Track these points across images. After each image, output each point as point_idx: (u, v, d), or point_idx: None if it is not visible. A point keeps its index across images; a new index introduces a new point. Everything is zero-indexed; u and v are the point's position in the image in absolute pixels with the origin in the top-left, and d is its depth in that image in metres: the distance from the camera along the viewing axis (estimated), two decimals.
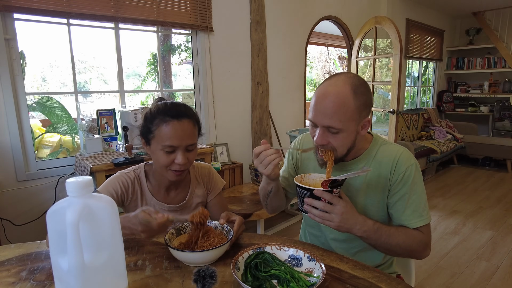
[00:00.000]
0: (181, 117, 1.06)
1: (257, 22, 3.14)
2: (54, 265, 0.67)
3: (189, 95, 2.96)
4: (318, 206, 0.89)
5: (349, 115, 0.91)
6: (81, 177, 0.65)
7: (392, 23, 3.52)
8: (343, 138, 0.94)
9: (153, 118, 1.07)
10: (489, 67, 5.80)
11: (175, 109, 1.07)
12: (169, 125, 1.04)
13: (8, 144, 2.04)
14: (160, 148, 1.06)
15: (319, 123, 0.94)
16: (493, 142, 4.97)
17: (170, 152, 1.06)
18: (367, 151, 1.06)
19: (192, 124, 1.09)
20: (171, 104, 1.09)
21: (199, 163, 1.31)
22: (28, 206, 2.14)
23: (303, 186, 0.91)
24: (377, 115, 6.22)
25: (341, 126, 0.91)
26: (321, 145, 0.96)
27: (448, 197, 3.82)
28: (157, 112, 1.07)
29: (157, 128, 1.06)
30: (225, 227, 0.99)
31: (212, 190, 1.28)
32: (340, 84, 0.92)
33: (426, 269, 2.35)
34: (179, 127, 1.05)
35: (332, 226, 0.91)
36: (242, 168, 2.99)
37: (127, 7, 2.37)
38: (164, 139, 1.04)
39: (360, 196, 1.05)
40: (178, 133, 1.05)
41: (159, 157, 1.07)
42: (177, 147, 1.06)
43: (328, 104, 0.91)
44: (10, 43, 2.00)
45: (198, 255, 0.86)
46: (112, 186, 1.12)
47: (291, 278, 0.79)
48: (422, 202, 1.00)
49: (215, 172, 1.32)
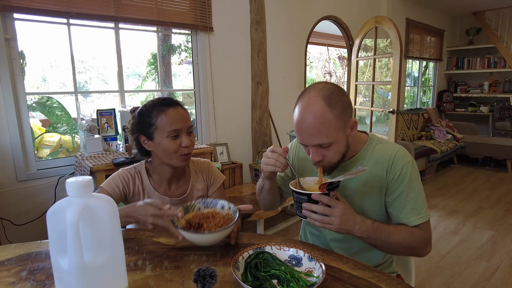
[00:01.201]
0: (175, 105, 1.17)
1: (257, 22, 3.14)
2: (54, 265, 0.67)
3: (189, 95, 2.96)
4: (317, 210, 0.89)
5: (333, 127, 0.92)
6: (81, 177, 0.65)
7: (392, 23, 3.52)
8: (336, 148, 0.96)
9: (149, 112, 1.15)
10: (489, 67, 5.80)
11: (168, 100, 1.18)
12: (168, 112, 1.13)
13: (8, 144, 2.04)
14: (165, 135, 1.13)
15: (309, 143, 0.96)
16: (493, 142, 4.97)
17: (175, 137, 1.13)
18: (363, 150, 1.06)
19: (184, 109, 1.20)
20: (162, 98, 1.20)
21: (199, 159, 1.36)
22: (28, 206, 2.14)
23: (300, 191, 0.91)
24: (377, 115, 6.22)
25: (329, 139, 0.92)
26: (318, 161, 0.97)
27: (448, 197, 3.82)
28: (152, 106, 1.16)
29: (157, 118, 1.13)
30: (232, 207, 1.01)
31: (212, 183, 1.32)
32: (313, 102, 0.92)
33: (426, 269, 2.35)
34: (177, 112, 1.15)
35: (333, 229, 0.91)
36: (242, 168, 2.99)
37: (127, 7, 2.37)
38: (167, 125, 1.12)
39: (357, 196, 1.05)
40: (178, 117, 1.14)
41: (166, 145, 1.13)
42: (181, 130, 1.14)
43: (309, 126, 0.91)
44: (10, 43, 2.00)
45: (204, 237, 0.89)
46: (114, 182, 1.18)
47: (291, 278, 0.79)
48: (420, 200, 1.00)
49: (214, 167, 1.36)
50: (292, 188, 0.94)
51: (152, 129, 1.14)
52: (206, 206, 1.04)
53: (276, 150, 0.99)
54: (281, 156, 0.98)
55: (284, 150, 0.98)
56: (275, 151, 0.99)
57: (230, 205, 1.02)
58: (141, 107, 1.19)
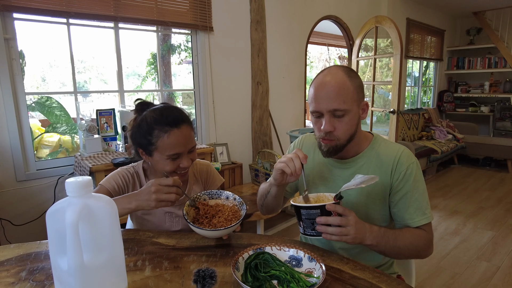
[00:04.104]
0: (179, 124, 1.06)
1: (257, 21, 3.14)
2: (53, 265, 0.67)
3: (189, 95, 2.95)
4: (333, 222, 0.85)
5: (350, 95, 0.95)
6: (81, 177, 0.64)
7: (393, 23, 3.52)
8: (349, 121, 0.96)
9: (150, 129, 1.06)
10: (490, 67, 5.80)
11: (172, 117, 1.07)
12: (171, 134, 1.05)
13: (8, 144, 2.04)
14: (165, 157, 1.07)
15: (325, 108, 0.95)
16: (493, 142, 4.97)
17: (175, 159, 1.08)
18: (368, 149, 1.06)
19: (189, 128, 1.10)
20: (165, 111, 1.08)
21: (198, 161, 1.33)
22: (28, 206, 2.14)
23: (313, 205, 0.85)
24: (377, 115, 6.21)
25: (345, 106, 0.95)
26: (328, 132, 0.96)
27: (448, 198, 3.81)
28: (154, 122, 1.06)
29: (158, 139, 1.05)
30: (237, 198, 1.05)
31: (209, 187, 1.31)
32: (334, 71, 0.98)
33: (427, 269, 2.34)
34: (180, 134, 1.06)
35: (349, 239, 0.86)
36: (242, 168, 2.98)
37: (127, 7, 2.37)
38: (168, 149, 1.05)
39: (362, 196, 1.04)
40: (181, 140, 1.06)
41: (164, 165, 1.08)
42: (181, 153, 1.08)
43: (329, 89, 0.95)
44: (9, 42, 2.00)
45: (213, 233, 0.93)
46: (114, 179, 1.17)
47: (291, 279, 0.79)
48: (425, 200, 1.00)
49: (213, 169, 1.34)
50: (299, 205, 0.87)
51: (152, 148, 1.07)
52: (211, 197, 1.08)
53: (298, 153, 0.95)
54: (298, 159, 0.93)
55: (304, 157, 0.94)
56: (297, 153, 0.95)
57: (235, 196, 1.06)
58: (142, 117, 1.09)
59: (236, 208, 1.03)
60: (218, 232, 0.93)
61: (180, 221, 1.21)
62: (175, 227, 1.20)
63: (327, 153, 1.00)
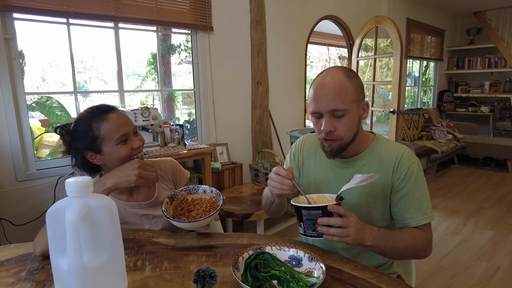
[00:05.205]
0: (112, 110, 1.11)
1: (257, 21, 3.14)
2: (53, 265, 0.67)
3: (189, 95, 2.95)
4: (335, 223, 0.84)
5: (350, 96, 0.96)
6: (81, 177, 0.64)
7: (393, 23, 3.52)
8: (349, 121, 0.96)
9: (88, 125, 1.07)
10: (490, 67, 5.79)
11: (102, 106, 1.11)
12: (109, 119, 1.07)
13: (8, 144, 2.04)
14: (115, 143, 1.07)
15: (324, 109, 0.96)
16: (493, 142, 4.97)
17: (124, 141, 1.09)
18: (369, 149, 1.06)
19: (122, 111, 1.14)
20: (93, 107, 1.12)
21: (161, 159, 1.32)
22: (28, 206, 2.14)
23: (315, 206, 0.85)
24: (377, 115, 6.21)
25: (345, 106, 0.95)
26: (328, 132, 0.96)
27: (448, 197, 3.81)
28: (90, 118, 1.08)
29: (99, 129, 1.06)
30: (214, 190, 1.08)
31: (179, 181, 1.31)
32: (333, 72, 0.99)
33: (427, 269, 2.34)
34: (117, 117, 1.09)
35: (350, 240, 0.86)
36: (242, 168, 2.98)
37: (127, 7, 2.37)
38: (113, 132, 1.07)
39: (363, 196, 1.04)
40: (122, 121, 1.09)
41: (118, 152, 1.08)
42: (128, 133, 1.10)
43: (328, 90, 0.95)
44: (9, 42, 2.00)
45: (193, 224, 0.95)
46: None
47: (291, 279, 0.79)
48: (426, 200, 1.01)
49: (177, 163, 1.33)
50: (300, 205, 0.87)
51: (98, 141, 1.06)
52: (189, 193, 1.11)
53: (280, 173, 0.93)
54: (286, 178, 0.93)
55: (288, 172, 0.93)
56: (279, 173, 0.94)
57: (212, 188, 1.09)
58: (74, 123, 1.10)
59: (214, 199, 1.06)
60: (197, 223, 0.95)
61: (158, 221, 1.19)
62: (155, 227, 1.19)
63: (331, 153, 1.01)
